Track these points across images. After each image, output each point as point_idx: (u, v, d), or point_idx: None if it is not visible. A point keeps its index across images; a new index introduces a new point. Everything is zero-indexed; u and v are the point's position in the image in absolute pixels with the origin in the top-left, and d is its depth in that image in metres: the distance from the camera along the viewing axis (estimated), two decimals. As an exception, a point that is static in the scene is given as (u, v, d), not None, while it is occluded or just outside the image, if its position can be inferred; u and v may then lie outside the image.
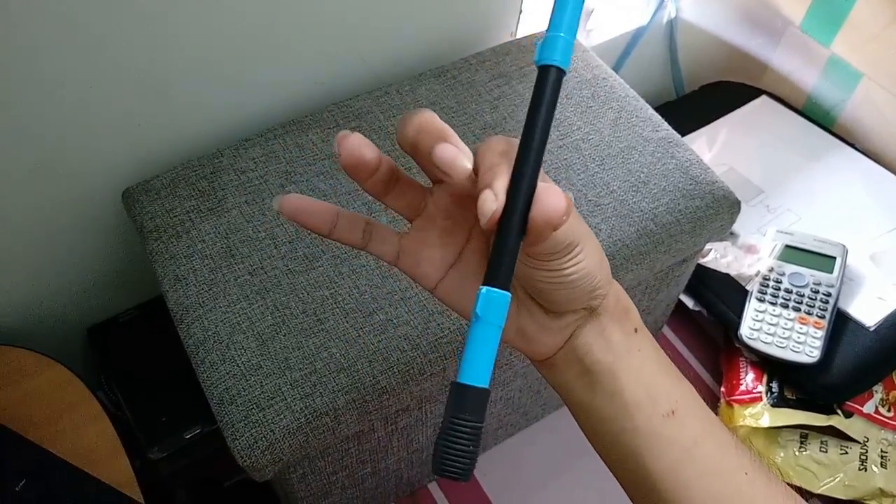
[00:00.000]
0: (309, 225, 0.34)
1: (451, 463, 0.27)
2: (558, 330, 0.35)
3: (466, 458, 0.28)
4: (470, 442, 0.28)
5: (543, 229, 0.29)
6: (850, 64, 0.92)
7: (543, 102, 0.29)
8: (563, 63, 0.29)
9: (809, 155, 0.94)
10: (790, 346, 0.76)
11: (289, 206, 0.34)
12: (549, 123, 0.29)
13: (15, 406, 0.58)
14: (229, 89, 0.65)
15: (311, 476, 0.57)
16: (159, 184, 0.60)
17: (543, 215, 0.28)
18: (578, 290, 0.33)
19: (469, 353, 0.28)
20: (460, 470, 0.28)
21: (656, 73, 1.03)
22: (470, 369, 0.28)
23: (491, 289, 0.29)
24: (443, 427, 0.28)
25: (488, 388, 0.28)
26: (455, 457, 0.28)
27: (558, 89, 0.29)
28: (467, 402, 0.28)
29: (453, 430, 0.28)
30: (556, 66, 0.28)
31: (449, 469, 0.28)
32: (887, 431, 0.76)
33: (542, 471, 0.78)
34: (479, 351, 0.28)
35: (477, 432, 0.28)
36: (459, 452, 0.28)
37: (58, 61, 0.54)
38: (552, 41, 0.28)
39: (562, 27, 0.28)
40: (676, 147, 0.65)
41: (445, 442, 0.28)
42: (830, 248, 0.81)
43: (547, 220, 0.28)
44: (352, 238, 0.35)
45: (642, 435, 0.35)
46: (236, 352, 0.52)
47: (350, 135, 0.31)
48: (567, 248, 0.31)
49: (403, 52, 0.73)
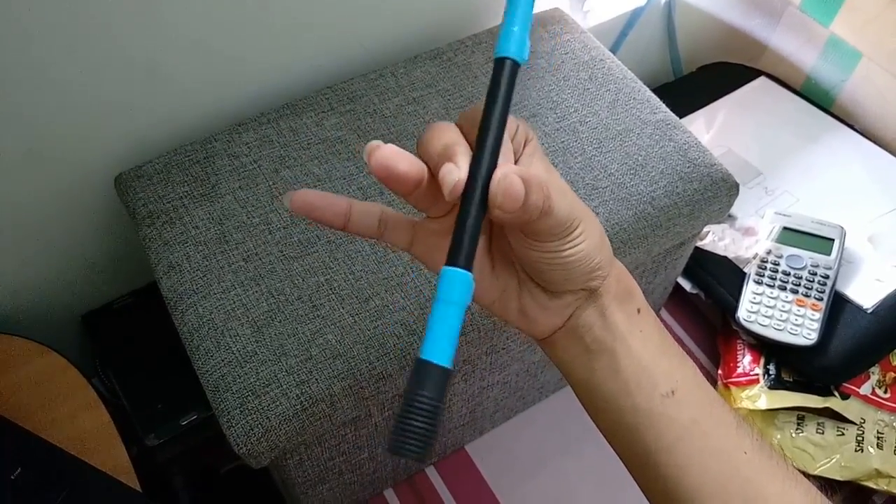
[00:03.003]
0: (322, 220, 0.33)
1: (408, 442, 0.27)
2: (558, 310, 0.36)
3: (424, 438, 0.27)
4: (428, 421, 0.27)
5: (503, 208, 0.29)
6: (849, 44, 0.91)
7: (500, 91, 0.30)
8: (520, 54, 0.30)
9: (808, 136, 0.93)
10: (788, 328, 0.76)
11: (300, 202, 0.33)
12: (506, 111, 0.30)
13: (9, 394, 0.57)
14: (222, 73, 0.64)
15: (307, 462, 0.57)
16: (152, 169, 0.60)
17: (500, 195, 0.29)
18: (576, 272, 0.33)
19: (432, 331, 0.28)
20: (417, 449, 0.27)
21: (654, 54, 1.02)
22: (432, 347, 0.28)
23: (452, 268, 0.29)
24: (402, 404, 0.27)
25: (450, 368, 0.28)
26: (413, 436, 0.27)
27: (514, 79, 0.30)
28: (428, 379, 0.27)
29: (412, 408, 0.27)
30: (511, 59, 0.30)
31: (406, 448, 0.27)
32: (884, 413, 0.76)
33: (539, 454, 0.79)
34: (442, 330, 0.28)
35: (436, 411, 0.27)
36: (418, 431, 0.27)
37: (48, 46, 0.53)
38: (507, 35, 0.30)
39: (515, 21, 0.30)
40: (674, 129, 0.65)
41: (403, 420, 0.27)
42: (828, 230, 0.81)
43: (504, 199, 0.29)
44: (367, 230, 0.35)
45: (642, 413, 0.36)
46: (231, 339, 0.51)
47: (381, 145, 0.30)
48: (566, 230, 0.31)
49: (399, 33, 0.72)
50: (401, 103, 0.64)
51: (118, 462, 0.55)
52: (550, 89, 0.66)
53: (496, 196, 0.29)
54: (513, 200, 0.29)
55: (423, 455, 0.27)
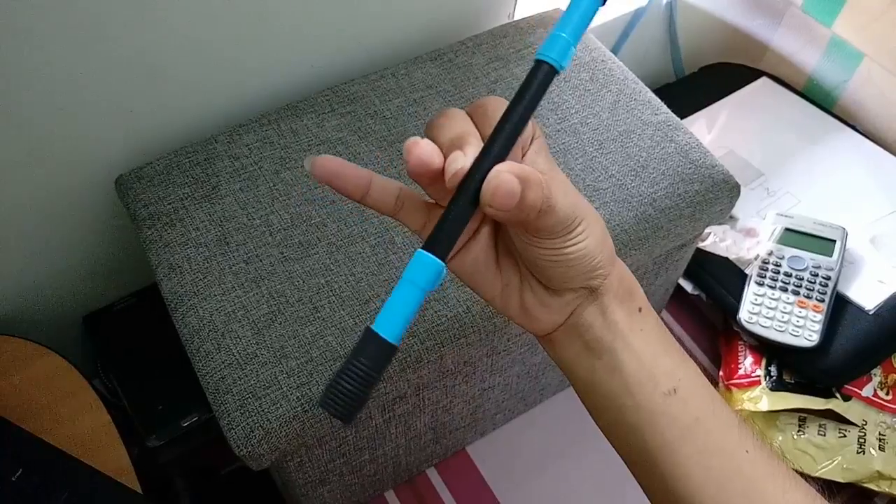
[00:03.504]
0: (342, 189, 0.33)
1: (336, 400, 0.28)
2: (559, 307, 0.36)
3: (352, 401, 0.28)
4: (360, 386, 0.28)
5: (492, 205, 0.29)
6: (851, 45, 0.91)
7: (528, 92, 0.30)
8: (559, 61, 0.29)
9: (810, 137, 0.93)
10: (789, 329, 0.76)
11: (321, 168, 0.32)
12: (529, 112, 0.30)
13: (10, 396, 0.57)
14: (223, 74, 0.64)
15: (308, 464, 0.57)
16: (152, 171, 0.60)
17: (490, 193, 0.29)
18: (577, 270, 0.33)
19: (389, 306, 0.29)
20: (343, 410, 0.28)
21: (655, 54, 1.02)
22: (386, 321, 0.28)
23: (425, 253, 0.29)
24: (342, 364, 0.28)
25: (396, 345, 0.29)
26: (343, 397, 0.27)
27: (547, 83, 0.30)
28: (371, 349, 0.28)
29: (349, 371, 0.28)
30: (549, 63, 0.29)
31: (332, 405, 0.28)
32: (885, 414, 0.76)
33: (540, 455, 0.78)
34: (398, 308, 0.29)
35: (370, 380, 0.28)
36: (347, 393, 0.27)
37: (48, 47, 0.53)
38: (553, 39, 0.29)
39: (567, 28, 0.29)
40: (676, 130, 0.65)
41: (338, 379, 0.28)
42: (830, 231, 0.81)
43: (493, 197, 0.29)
44: (384, 205, 0.34)
45: (642, 412, 0.36)
46: (232, 341, 0.51)
47: (420, 142, 0.30)
48: (567, 228, 0.32)
49: (399, 35, 0.72)
50: (401, 104, 0.64)
51: (119, 463, 0.55)
52: (551, 90, 0.66)
53: (486, 193, 0.29)
54: (503, 199, 0.29)
55: (347, 417, 0.28)
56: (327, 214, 0.57)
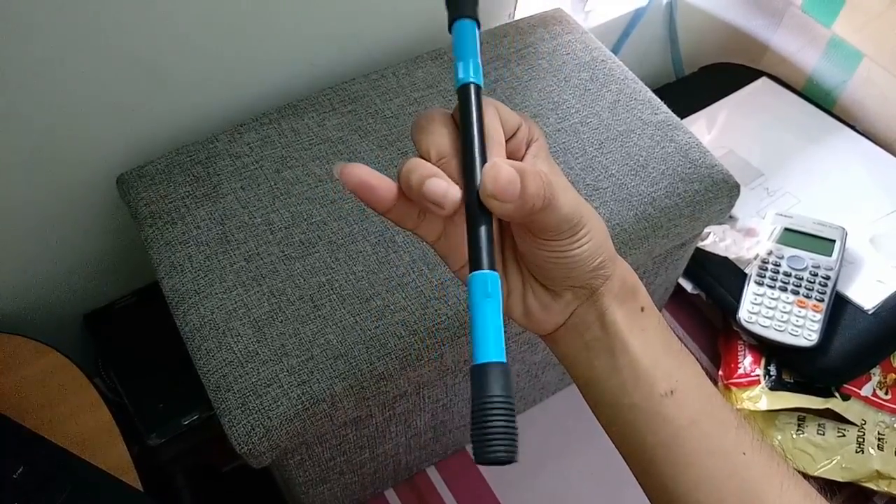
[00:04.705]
0: (369, 201, 0.32)
1: (495, 448, 0.26)
2: (559, 310, 0.36)
3: (508, 437, 0.26)
4: (507, 421, 0.26)
5: (495, 197, 0.29)
6: (851, 45, 0.91)
7: (471, 108, 0.32)
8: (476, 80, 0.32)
9: (809, 137, 0.93)
10: (788, 329, 0.76)
11: (352, 177, 0.31)
12: (481, 122, 0.31)
13: (12, 393, 0.58)
14: (224, 73, 0.64)
15: (308, 462, 0.57)
16: (154, 169, 0.60)
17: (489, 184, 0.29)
18: (578, 270, 0.34)
19: (478, 335, 0.28)
20: (507, 450, 0.26)
21: (655, 54, 1.02)
22: (484, 349, 0.28)
23: (480, 272, 0.29)
24: (475, 414, 0.27)
25: (504, 362, 0.28)
26: (498, 438, 0.26)
27: (479, 96, 0.32)
28: (492, 379, 0.27)
29: (486, 412, 0.26)
30: (473, 83, 0.32)
31: (495, 454, 0.26)
32: (884, 414, 0.76)
33: (539, 454, 0.79)
34: (489, 330, 0.28)
35: (510, 408, 0.27)
36: (506, 432, 0.26)
37: (50, 46, 0.53)
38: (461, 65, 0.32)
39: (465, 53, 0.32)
40: (675, 130, 0.65)
41: (481, 426, 0.26)
42: (830, 231, 0.81)
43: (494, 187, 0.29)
44: (406, 219, 0.34)
45: (639, 411, 0.36)
46: (233, 339, 0.51)
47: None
48: (572, 229, 0.32)
49: (400, 34, 0.72)
50: (402, 103, 0.64)
51: (120, 461, 0.56)
52: (552, 90, 0.67)
53: (486, 185, 0.29)
54: (504, 188, 0.29)
55: (512, 456, 0.26)
56: (328, 213, 0.57)
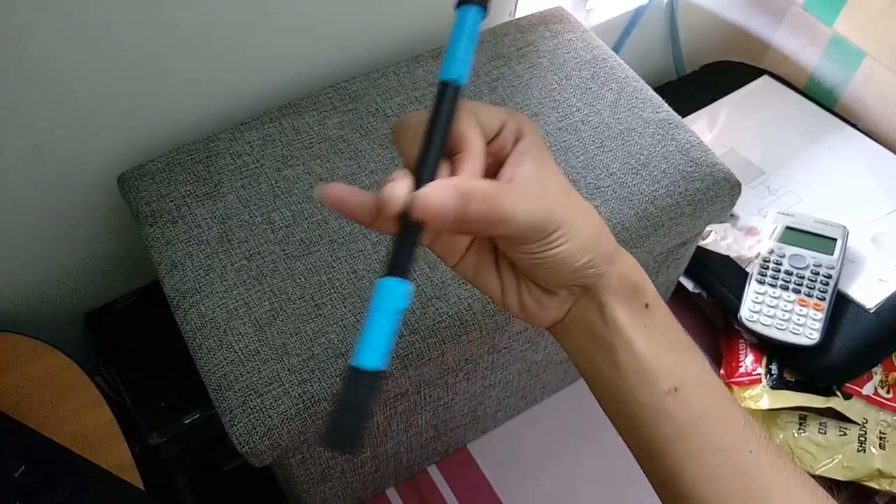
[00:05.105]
0: (351, 215, 0.33)
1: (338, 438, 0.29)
2: (556, 306, 0.37)
3: (353, 434, 0.29)
4: (357, 421, 0.29)
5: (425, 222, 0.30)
6: (852, 43, 0.91)
7: (442, 110, 0.31)
8: (458, 79, 0.32)
9: (811, 135, 0.93)
10: (790, 328, 0.76)
11: (329, 196, 0.32)
12: (446, 133, 0.31)
13: (13, 392, 0.58)
14: (224, 72, 0.64)
15: (309, 461, 0.57)
16: (154, 168, 0.60)
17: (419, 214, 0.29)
18: (559, 271, 0.34)
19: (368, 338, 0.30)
20: (348, 444, 0.29)
21: (657, 53, 1.02)
22: (368, 353, 0.30)
23: (390, 279, 0.30)
24: (336, 404, 0.30)
25: (383, 370, 0.30)
26: (344, 433, 0.29)
27: (455, 99, 0.32)
28: (359, 386, 0.29)
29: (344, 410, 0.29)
30: (453, 83, 0.32)
31: (335, 443, 0.29)
32: (886, 413, 0.76)
33: (541, 453, 0.79)
34: (379, 337, 0.30)
35: (365, 412, 0.29)
36: (349, 429, 0.29)
37: (51, 45, 0.53)
38: (450, 60, 0.32)
39: (459, 47, 0.32)
40: (677, 129, 0.65)
41: (336, 419, 0.29)
42: (831, 230, 0.81)
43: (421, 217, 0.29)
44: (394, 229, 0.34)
45: (642, 407, 0.36)
46: (234, 337, 0.51)
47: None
48: (539, 234, 0.32)
49: (401, 33, 0.72)
50: (403, 102, 0.64)
51: (121, 460, 0.56)
52: (552, 88, 0.66)
53: (416, 212, 0.29)
54: (434, 215, 0.29)
55: (353, 450, 0.30)
56: (329, 212, 0.57)
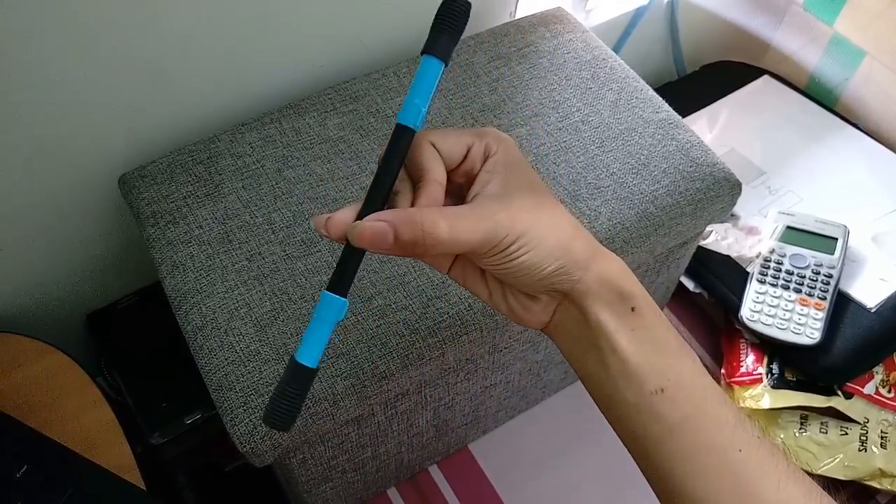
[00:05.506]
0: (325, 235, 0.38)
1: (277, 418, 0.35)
2: (540, 310, 0.39)
3: (289, 417, 0.35)
4: (293, 405, 0.35)
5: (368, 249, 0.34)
6: (853, 42, 0.91)
7: (393, 153, 0.35)
8: (415, 123, 0.35)
9: (811, 135, 0.93)
10: (791, 327, 0.76)
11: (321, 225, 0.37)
12: (395, 172, 0.35)
13: (14, 393, 0.58)
14: (225, 73, 0.64)
15: (311, 461, 0.57)
16: (155, 169, 0.60)
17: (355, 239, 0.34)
18: (526, 280, 0.36)
19: (307, 339, 0.36)
20: (283, 423, 0.35)
21: (657, 53, 1.02)
22: (306, 352, 0.36)
23: (329, 294, 0.35)
24: (276, 389, 0.36)
25: (316, 369, 0.36)
26: (282, 414, 0.35)
27: (408, 142, 0.35)
28: (298, 376, 0.35)
29: (284, 394, 0.35)
30: (409, 127, 0.35)
31: (274, 422, 0.35)
32: (887, 412, 0.76)
33: (542, 453, 0.79)
34: (316, 340, 0.36)
35: (300, 399, 0.36)
36: (286, 412, 0.35)
37: (52, 46, 0.53)
38: (408, 105, 0.35)
39: (418, 94, 0.35)
40: (677, 128, 0.65)
41: (276, 401, 0.35)
42: (832, 230, 0.81)
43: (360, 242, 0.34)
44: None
45: (632, 407, 0.37)
46: (235, 338, 0.52)
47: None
48: (496, 248, 0.34)
49: (401, 33, 0.72)
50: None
51: (122, 460, 0.56)
52: (552, 88, 0.67)
53: (352, 240, 0.34)
54: (369, 243, 0.33)
55: (286, 428, 0.36)
56: (329, 213, 0.57)
